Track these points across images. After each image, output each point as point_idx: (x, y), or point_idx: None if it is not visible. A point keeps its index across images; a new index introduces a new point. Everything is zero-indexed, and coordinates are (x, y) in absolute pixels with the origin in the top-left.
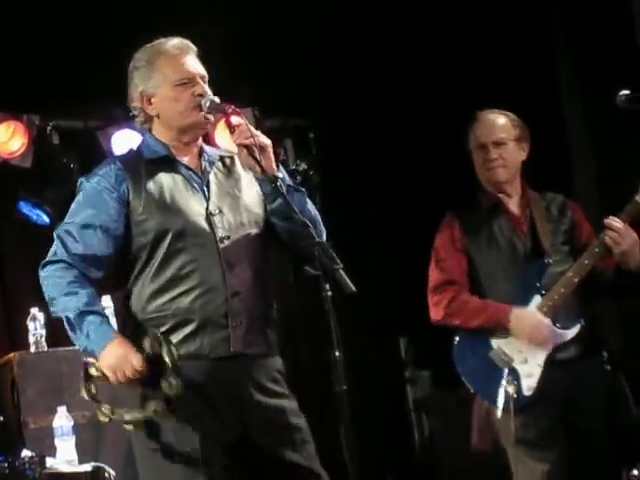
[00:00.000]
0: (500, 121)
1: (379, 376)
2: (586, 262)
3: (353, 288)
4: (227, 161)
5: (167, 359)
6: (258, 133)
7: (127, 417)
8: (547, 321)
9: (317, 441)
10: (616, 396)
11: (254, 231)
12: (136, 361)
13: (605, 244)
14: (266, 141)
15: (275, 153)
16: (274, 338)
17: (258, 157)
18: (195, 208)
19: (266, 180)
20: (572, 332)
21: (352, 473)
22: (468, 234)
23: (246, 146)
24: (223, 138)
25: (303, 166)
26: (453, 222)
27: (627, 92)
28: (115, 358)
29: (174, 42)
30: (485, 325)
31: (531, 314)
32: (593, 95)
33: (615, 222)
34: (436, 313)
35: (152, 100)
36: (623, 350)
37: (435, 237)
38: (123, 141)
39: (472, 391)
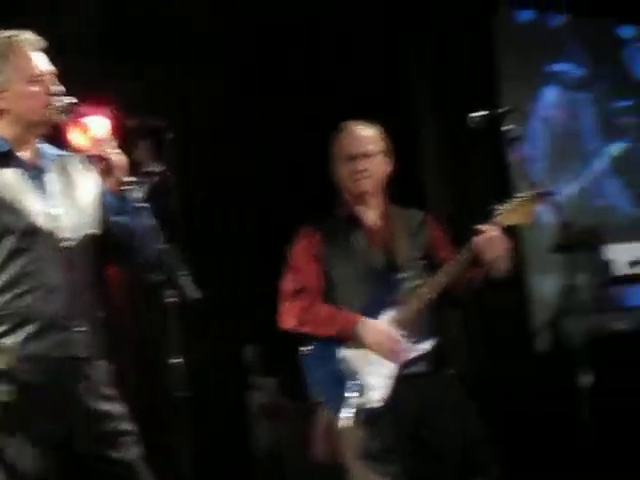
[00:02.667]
0: (368, 133)
1: (223, 383)
2: (441, 279)
3: (197, 294)
4: (64, 161)
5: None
6: (113, 150)
7: None
8: (397, 334)
9: (153, 446)
10: (464, 415)
11: (93, 233)
12: None
13: (474, 250)
14: (119, 158)
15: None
16: (105, 342)
17: (110, 172)
18: (36, 207)
19: (115, 195)
20: (423, 347)
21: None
22: (325, 245)
23: (100, 158)
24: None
25: (159, 167)
26: (310, 232)
27: (478, 114)
28: None
29: (27, 36)
30: (335, 334)
31: (379, 325)
32: (447, 115)
33: (487, 228)
34: (287, 321)
35: (2, 94)
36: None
37: (291, 246)
38: None
39: (318, 400)
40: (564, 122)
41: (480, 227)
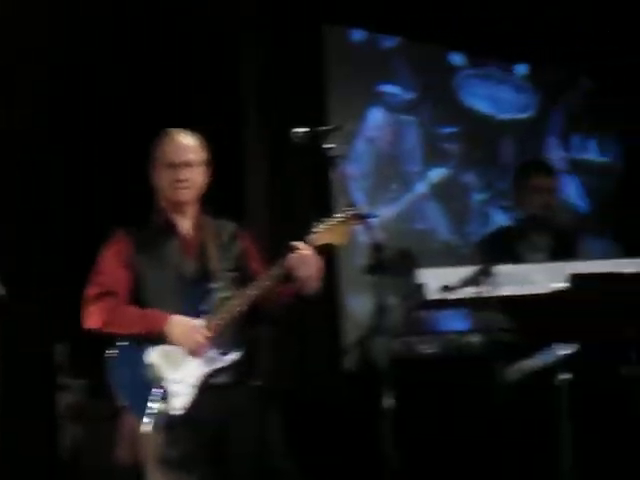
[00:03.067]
0: (190, 142)
1: (31, 382)
2: (251, 292)
3: (2, 291)
4: None
5: None
6: None
7: None
8: (204, 329)
9: None
10: (266, 427)
11: None
12: None
13: (285, 267)
14: None
15: None
16: None
17: None
18: None
19: None
20: (230, 358)
21: None
22: (137, 251)
23: None
24: None
25: None
26: (122, 238)
27: (301, 129)
28: None
29: None
30: (143, 332)
31: (187, 320)
32: (273, 129)
33: (301, 246)
34: (93, 321)
35: None
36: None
37: (102, 250)
38: None
39: (122, 404)
40: (388, 144)
41: (294, 244)
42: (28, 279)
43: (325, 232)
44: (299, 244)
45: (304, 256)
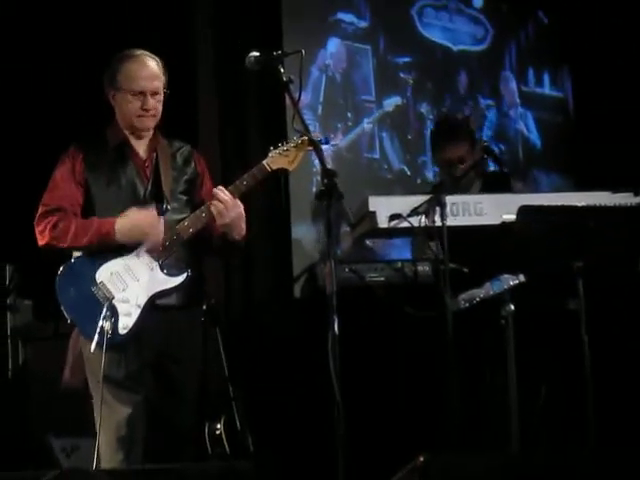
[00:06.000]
0: (156, 68)
1: None
2: (203, 215)
3: None
4: None
5: None
6: None
7: None
8: (155, 265)
9: None
10: (211, 350)
11: None
12: None
13: (210, 212)
14: None
15: None
16: None
17: None
18: None
19: None
20: (178, 280)
21: None
22: (89, 169)
23: None
24: None
25: None
26: (76, 155)
27: (255, 54)
28: None
29: None
30: (93, 240)
31: (134, 212)
32: (224, 53)
33: (223, 194)
34: (42, 237)
35: None
36: (223, 306)
37: (55, 165)
38: None
39: (69, 323)
40: (342, 72)
41: (215, 191)
42: None
43: (279, 157)
44: (220, 191)
45: (225, 203)
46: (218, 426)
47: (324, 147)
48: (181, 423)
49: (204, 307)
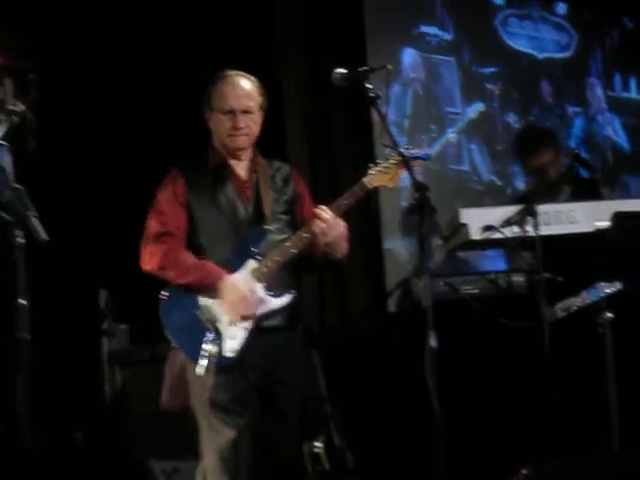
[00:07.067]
0: (249, 87)
1: (73, 327)
2: (305, 235)
3: (45, 236)
4: None
5: None
6: None
7: None
8: (258, 287)
9: None
10: (308, 370)
11: None
12: None
13: (313, 232)
14: None
15: None
16: None
17: None
18: None
19: None
20: (283, 301)
21: (25, 422)
22: (191, 191)
23: None
24: None
25: (21, 107)
26: (177, 178)
27: (342, 70)
28: None
29: None
30: (196, 283)
31: (243, 284)
32: (311, 71)
33: (325, 213)
34: (149, 262)
35: None
36: (318, 322)
37: (157, 191)
38: None
39: (174, 346)
40: (426, 85)
41: (316, 211)
42: (72, 224)
43: (379, 174)
44: (322, 210)
45: (327, 222)
46: (317, 444)
47: (422, 162)
48: (285, 444)
49: (303, 326)
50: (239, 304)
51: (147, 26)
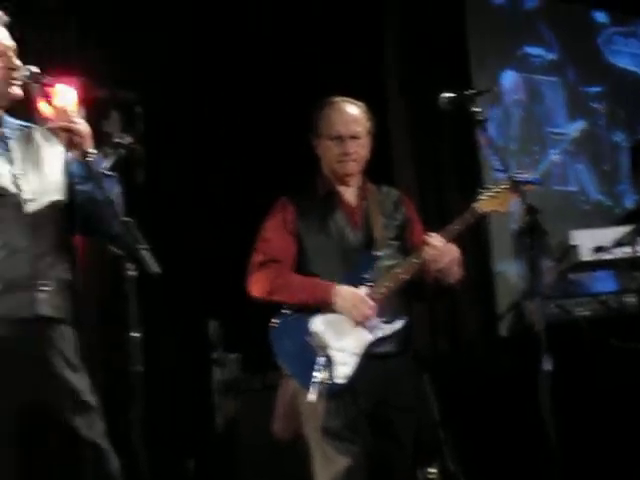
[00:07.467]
0: (356, 113)
1: (184, 358)
2: (415, 261)
3: (157, 269)
4: (27, 131)
5: None
6: (78, 120)
7: None
8: (369, 299)
9: (109, 423)
10: (421, 396)
11: (58, 198)
12: None
13: (423, 258)
14: (84, 129)
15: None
16: (73, 307)
17: (75, 141)
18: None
19: (80, 164)
20: (394, 327)
21: (141, 455)
22: (300, 219)
23: (64, 128)
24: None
25: (127, 139)
26: (286, 206)
27: (448, 94)
28: None
29: None
30: (309, 301)
31: (354, 291)
32: (417, 96)
33: (435, 240)
34: (258, 289)
35: None
36: (429, 347)
37: (266, 218)
38: None
39: (286, 373)
40: (530, 105)
41: (427, 238)
42: (181, 255)
43: (490, 199)
44: (433, 237)
45: (438, 249)
46: (431, 470)
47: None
48: (400, 470)
49: (413, 352)
50: (358, 307)
51: (250, 52)
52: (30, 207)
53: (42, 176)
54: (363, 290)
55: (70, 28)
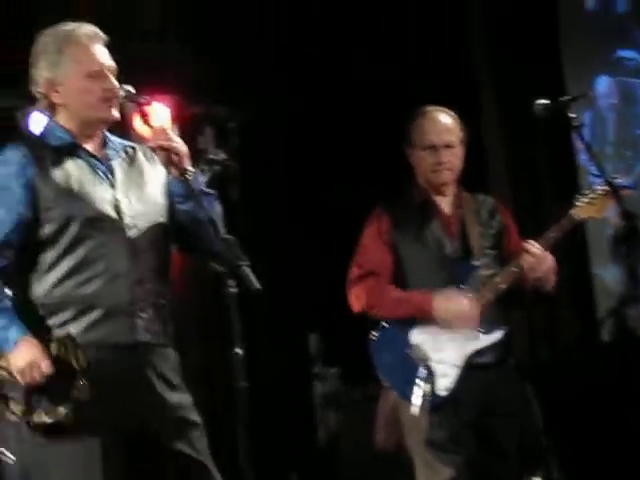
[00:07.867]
0: (450, 122)
1: (286, 373)
2: (513, 270)
3: (258, 285)
4: (130, 151)
5: (75, 364)
6: (176, 139)
7: (35, 419)
8: (473, 310)
9: (213, 438)
10: (523, 404)
11: (159, 221)
12: (44, 366)
13: (522, 266)
14: (182, 148)
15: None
16: (172, 330)
17: (174, 160)
18: (102, 195)
19: (179, 183)
20: (494, 337)
21: (247, 470)
22: (396, 229)
23: (162, 148)
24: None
25: (222, 156)
26: (382, 216)
27: (544, 101)
28: (24, 362)
29: (85, 29)
30: (409, 314)
31: (454, 299)
32: (510, 103)
33: (534, 247)
34: (357, 304)
35: (58, 89)
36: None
37: (362, 230)
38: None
39: (386, 386)
40: (625, 110)
41: (526, 245)
42: (280, 271)
43: (587, 206)
44: (531, 245)
45: (536, 257)
46: (536, 479)
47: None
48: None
49: (512, 360)
50: (460, 317)
51: (345, 64)
52: (132, 232)
53: (144, 199)
54: (464, 300)
55: (167, 45)
